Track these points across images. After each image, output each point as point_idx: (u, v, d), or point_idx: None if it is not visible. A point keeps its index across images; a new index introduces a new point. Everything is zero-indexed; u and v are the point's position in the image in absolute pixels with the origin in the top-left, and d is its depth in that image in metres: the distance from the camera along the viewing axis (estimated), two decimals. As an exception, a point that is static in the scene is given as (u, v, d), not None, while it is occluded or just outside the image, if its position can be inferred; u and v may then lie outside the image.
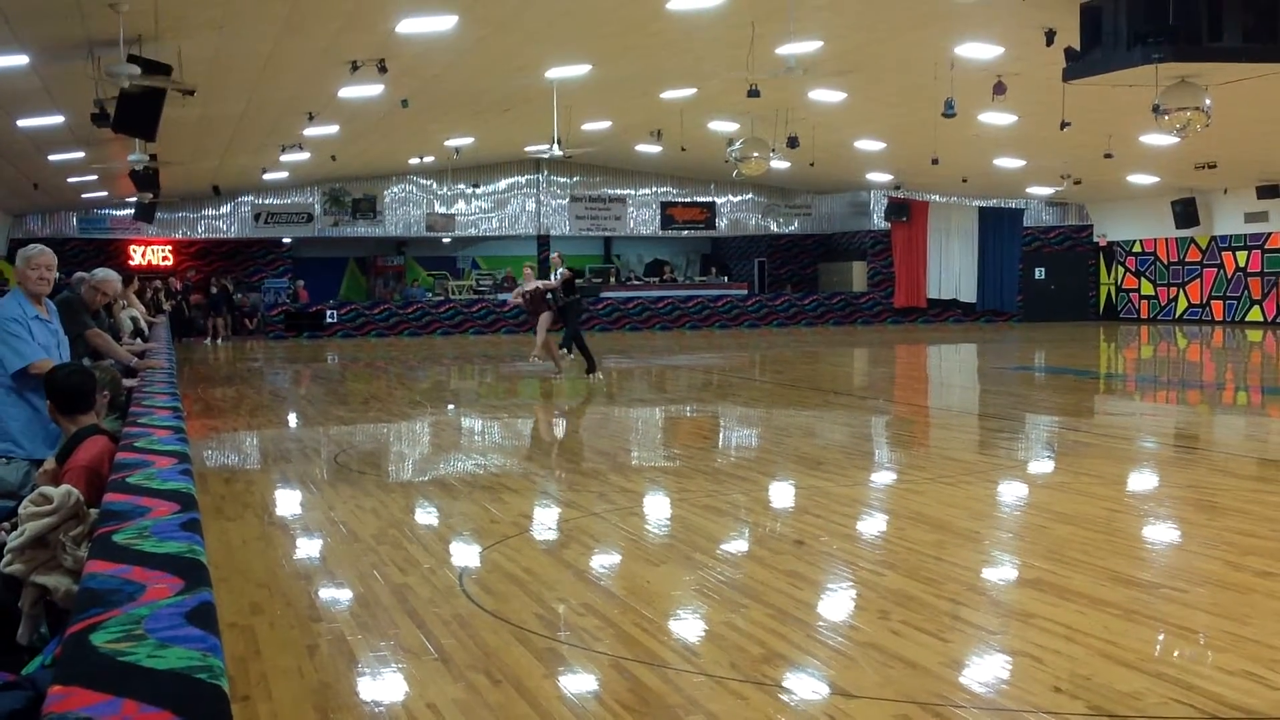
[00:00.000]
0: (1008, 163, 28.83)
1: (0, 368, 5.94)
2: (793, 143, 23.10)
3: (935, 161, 27.72)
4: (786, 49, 16.91)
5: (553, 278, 18.99)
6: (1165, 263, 34.82)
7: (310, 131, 22.56)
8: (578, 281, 20.22)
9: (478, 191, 34.28)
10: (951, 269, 36.06)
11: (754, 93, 17.56)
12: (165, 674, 2.04)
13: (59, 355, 6.12)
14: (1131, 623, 5.38)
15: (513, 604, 5.79)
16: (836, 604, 5.96)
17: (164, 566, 2.71)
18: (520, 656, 4.96)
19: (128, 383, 6.83)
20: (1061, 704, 4.35)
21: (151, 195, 25.40)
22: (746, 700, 4.45)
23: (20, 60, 14.04)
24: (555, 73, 19.04)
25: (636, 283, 35.72)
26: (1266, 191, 30.46)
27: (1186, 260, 34.15)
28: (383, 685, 4.75)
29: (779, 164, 26.50)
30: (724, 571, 6.53)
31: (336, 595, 6.17)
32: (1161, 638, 5.21)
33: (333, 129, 22.82)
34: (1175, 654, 5.00)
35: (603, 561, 6.94)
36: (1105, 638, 5.11)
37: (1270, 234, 31.54)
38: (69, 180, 26.35)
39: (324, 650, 5.13)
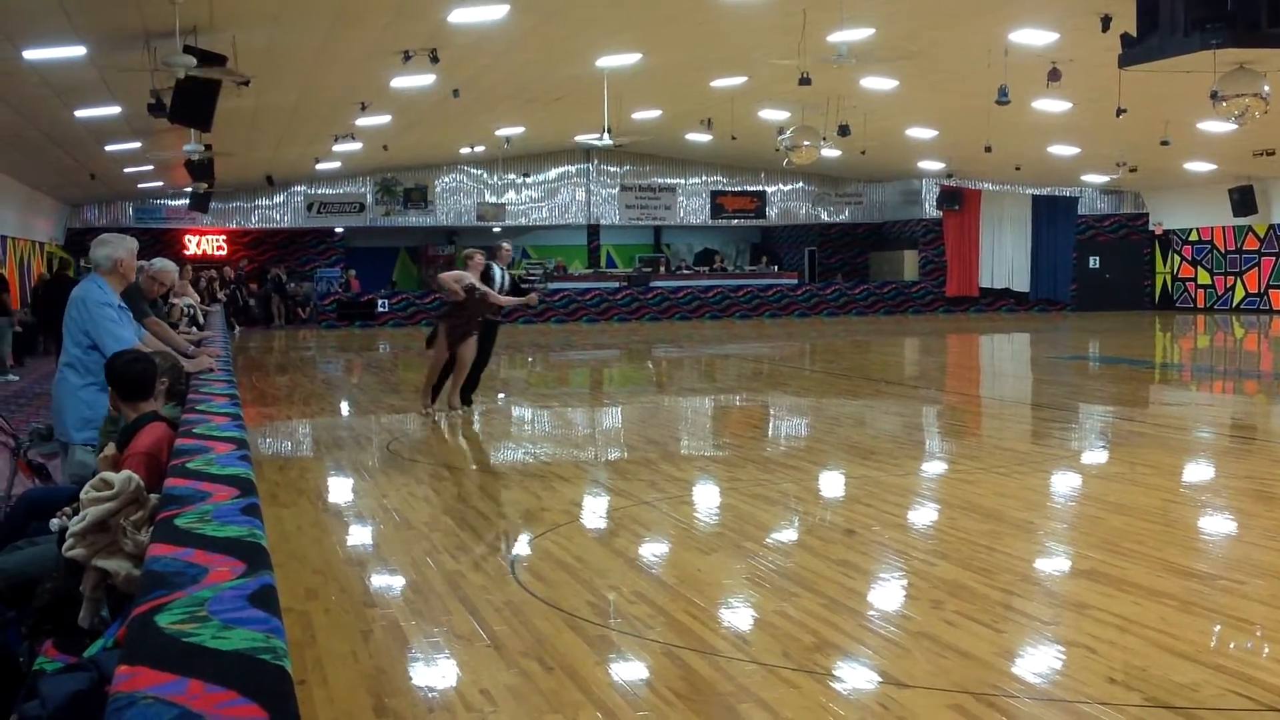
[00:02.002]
0: (1062, 150, 28.53)
1: (94, 354, 5.99)
2: (844, 131, 22.96)
3: (988, 149, 27.47)
4: (838, 36, 16.83)
5: (497, 275, 13.43)
6: (1222, 251, 34.35)
7: (362, 121, 22.70)
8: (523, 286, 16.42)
9: (528, 181, 34.38)
10: (1004, 258, 35.75)
11: (805, 80, 17.48)
12: (230, 655, 2.07)
13: (137, 342, 6.21)
14: (1188, 614, 5.33)
15: (564, 591, 5.82)
16: (888, 593, 5.94)
17: (226, 550, 2.75)
18: (572, 643, 4.99)
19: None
20: (1117, 695, 4.32)
21: (206, 185, 25.66)
22: (799, 689, 4.45)
23: (78, 51, 14.22)
24: (605, 61, 19.04)
25: (686, 272, 35.69)
26: (1327, 179, 29.95)
27: (1244, 249, 33.67)
28: (436, 671, 4.79)
29: (830, 152, 26.37)
30: (775, 560, 6.52)
31: (390, 582, 6.22)
32: (1219, 629, 5.16)
33: (385, 119, 22.95)
34: (1233, 646, 4.95)
35: (653, 549, 6.96)
36: (1161, 629, 5.07)
37: (1330, 222, 31.02)
38: (125, 170, 26.67)
39: (378, 636, 5.18)
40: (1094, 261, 36.25)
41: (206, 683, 1.95)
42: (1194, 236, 35.19)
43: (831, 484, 9.19)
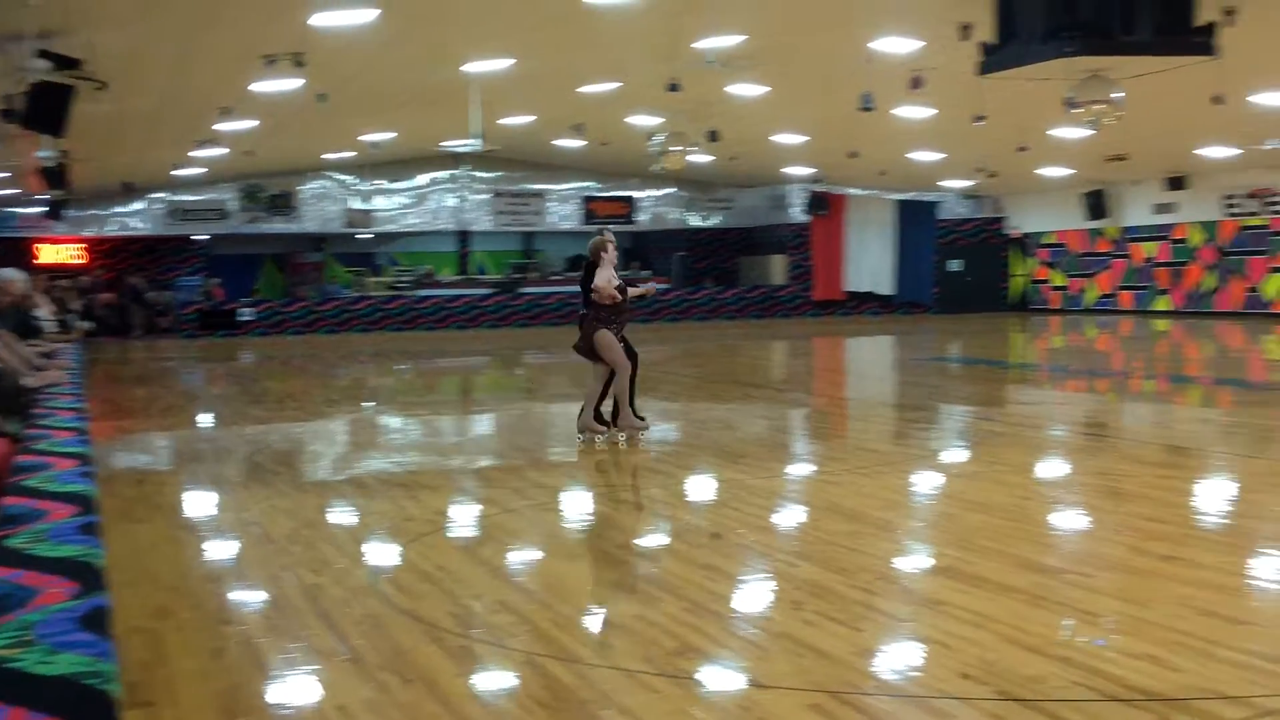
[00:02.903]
0: (925, 156, 29.14)
1: None
2: (713, 137, 23.17)
3: (854, 155, 27.98)
4: (707, 43, 17.00)
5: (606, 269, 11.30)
6: (1076, 254, 35.40)
7: (225, 127, 22.24)
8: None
9: (397, 187, 34.03)
10: (869, 261, 36.40)
11: (674, 87, 17.61)
12: (54, 680, 2.02)
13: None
14: (1038, 608, 5.47)
15: (426, 602, 5.76)
16: (751, 596, 6.00)
17: (59, 571, 2.67)
18: (432, 655, 4.94)
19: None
20: (969, 689, 4.42)
21: (62, 192, 24.89)
22: (660, 694, 4.47)
23: (-78, 55, 13.72)
24: (475, 66, 18.94)
25: (558, 278, 35.63)
26: (1174, 183, 31.10)
27: (1096, 251, 34.75)
28: (291, 687, 4.70)
29: (700, 158, 26.59)
30: (640, 565, 6.55)
31: (246, 597, 6.10)
32: (1066, 622, 5.30)
33: (249, 124, 22.51)
34: (1080, 638, 5.09)
35: (519, 558, 6.93)
36: (1012, 623, 5.20)
37: (1177, 225, 32.18)
38: (-25, 178, 25.78)
39: (232, 653, 5.08)
40: (955, 264, 37.09)
41: (30, 710, 1.89)
42: (1049, 240, 36.22)
43: (698, 488, 9.25)
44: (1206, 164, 29.02)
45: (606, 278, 11.25)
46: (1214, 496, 8.66)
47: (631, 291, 11.78)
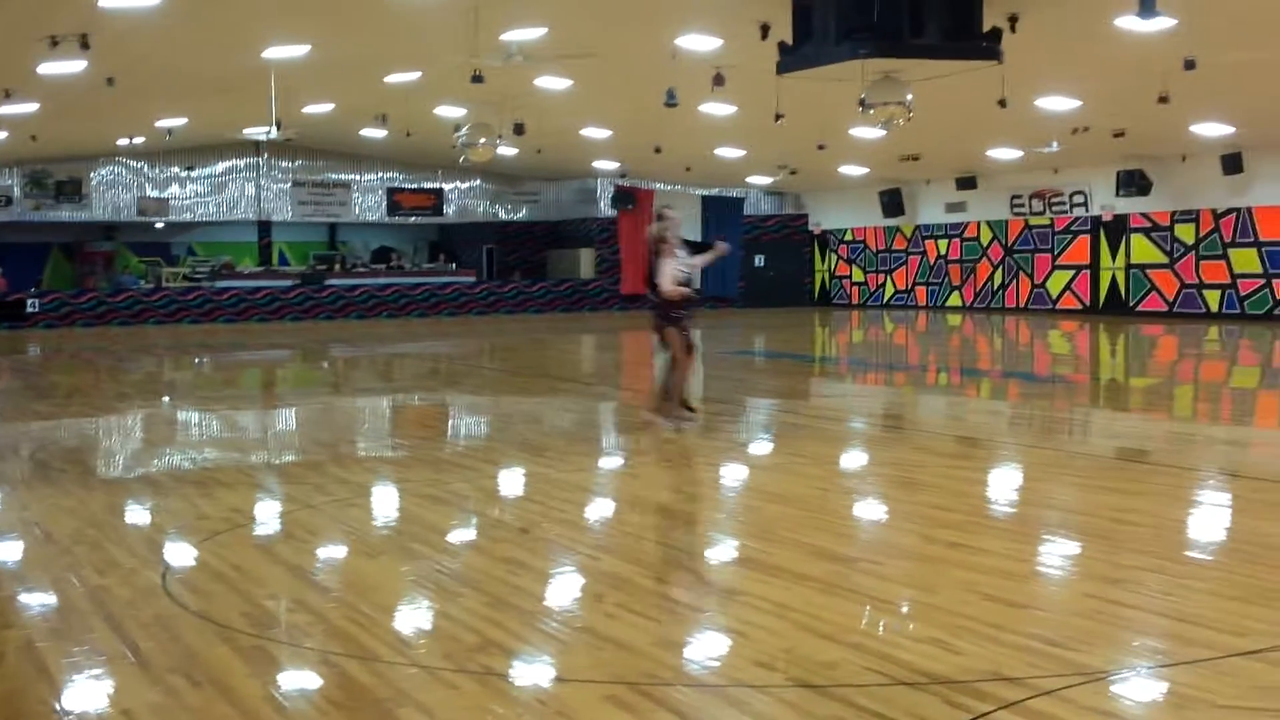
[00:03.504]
0: (728, 152, 29.60)
1: None
2: (519, 129, 23.10)
3: (658, 150, 28.24)
4: (511, 35, 16.91)
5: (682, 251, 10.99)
6: (874, 250, 36.46)
7: (6, 110, 21.19)
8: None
9: (192, 175, 32.97)
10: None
11: (478, 78, 17.47)
12: None
13: None
14: (832, 596, 5.61)
15: (219, 603, 5.59)
16: (553, 590, 6.00)
17: None
18: (224, 656, 4.80)
19: None
20: (763, 677, 4.50)
21: None
22: (459, 690, 4.43)
23: None
24: (273, 52, 18.46)
25: (363, 270, 35.05)
26: (965, 183, 32.28)
27: (893, 248, 35.85)
28: (74, 693, 4.51)
29: (506, 150, 26.49)
30: (442, 561, 6.48)
31: (27, 601, 5.83)
32: (858, 609, 5.45)
33: (32, 107, 21.51)
34: (870, 624, 5.24)
35: (317, 555, 6.79)
36: (807, 611, 5.31)
37: (968, 223, 33.42)
38: None
39: (10, 660, 4.84)
40: (759, 260, 37.80)
41: None
42: (849, 236, 37.22)
43: (504, 482, 9.21)
44: (995, 165, 30.21)
45: (670, 275, 10.54)
46: (1000, 486, 9.02)
47: (699, 262, 11.33)
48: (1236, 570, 6.16)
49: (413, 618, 5.50)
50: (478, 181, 36.16)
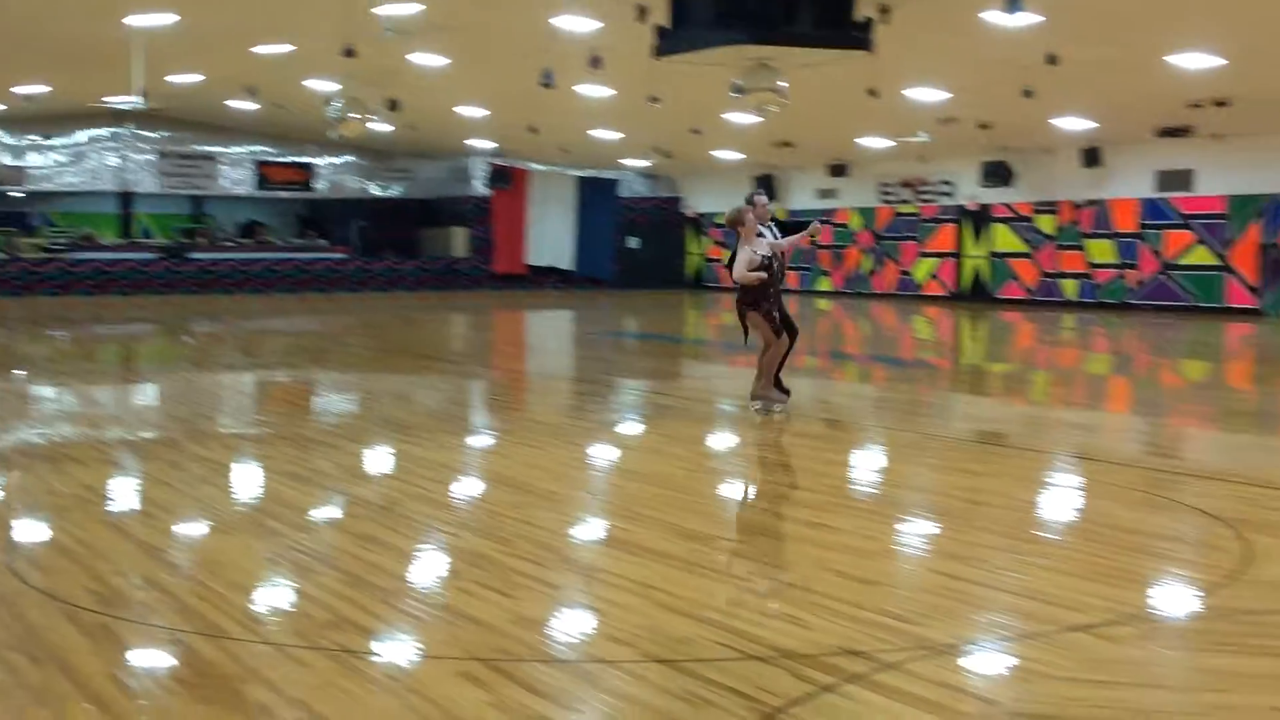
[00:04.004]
0: (604, 134, 29.59)
1: None
2: (393, 105, 22.81)
3: (534, 130, 28.12)
4: (385, 9, 16.68)
5: (770, 232, 10.90)
6: (749, 235, 36.79)
7: None
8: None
9: (51, 143, 31.91)
10: (551, 237, 36.73)
11: (350, 53, 17.21)
12: None
13: None
14: (691, 574, 5.67)
15: (64, 580, 5.45)
16: (410, 567, 5.96)
17: None
18: (68, 634, 4.68)
19: None
20: (617, 653, 4.54)
21: None
22: (309, 667, 4.38)
23: None
24: (136, 20, 17.94)
25: (229, 244, 34.30)
26: (836, 170, 32.74)
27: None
28: (-93, 673, 4.37)
29: (379, 126, 26.09)
30: (299, 539, 6.40)
31: None
32: (716, 587, 5.52)
33: (-122, 68, 20.64)
34: (726, 601, 5.31)
35: (170, 532, 6.65)
36: (664, 588, 5.36)
37: (839, 209, 33.90)
38: None
39: None
40: (634, 242, 37.89)
41: None
42: (722, 220, 37.49)
43: (367, 460, 9.12)
44: (865, 153, 30.68)
45: (746, 261, 10.28)
46: (860, 467, 9.20)
47: (787, 244, 11.05)
48: (1080, 549, 6.37)
49: (265, 595, 5.42)
50: (350, 157, 35.59)
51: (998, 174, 28.79)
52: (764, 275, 10.32)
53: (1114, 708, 4.03)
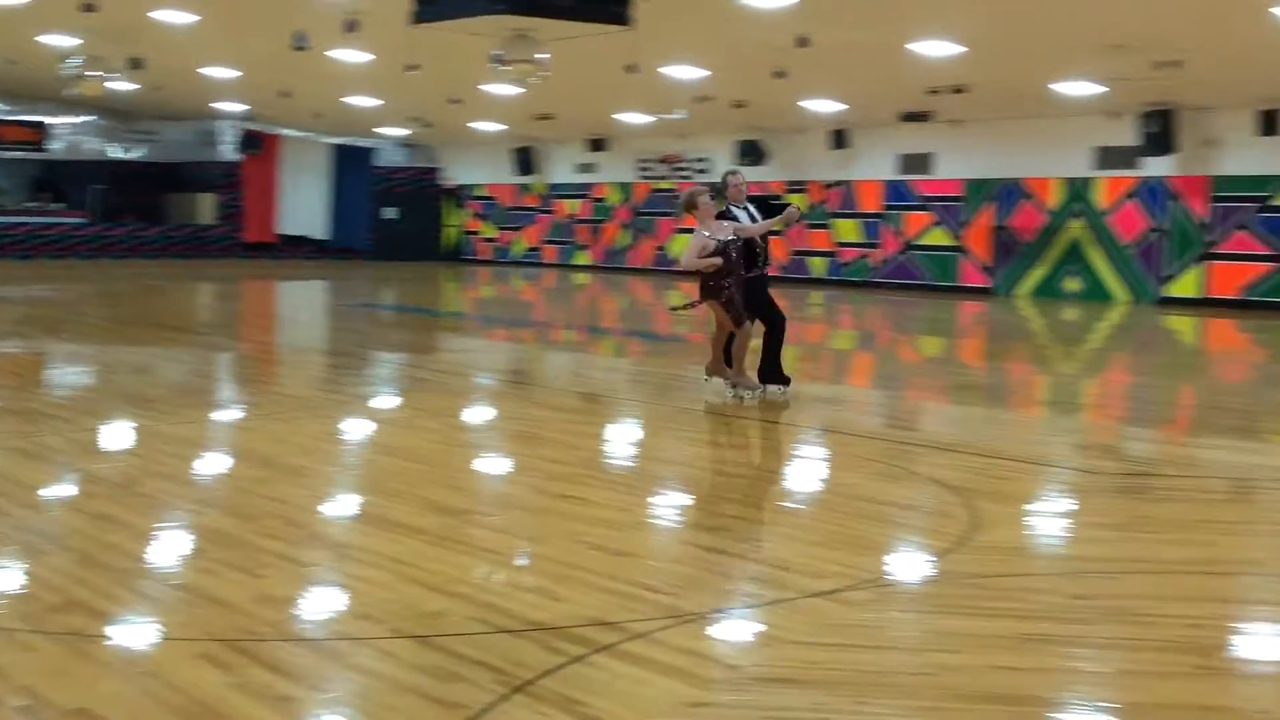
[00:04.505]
0: (361, 102, 28.96)
1: None
2: (136, 64, 21.78)
3: (287, 95, 27.33)
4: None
5: (746, 214, 10.36)
6: (505, 207, 36.69)
7: None
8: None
9: None
10: (304, 205, 35.81)
11: (89, 7, 16.35)
12: None
13: None
14: (442, 548, 5.63)
15: None
16: (149, 547, 5.73)
17: None
18: None
19: None
20: (367, 629, 4.47)
21: None
22: (36, 651, 4.17)
23: None
24: None
25: (-47, 206, 32.20)
26: (595, 145, 32.94)
27: (524, 206, 36.18)
28: None
29: (121, 86, 24.89)
30: (25, 518, 6.07)
31: None
32: (467, 561, 5.50)
33: None
34: (477, 575, 5.29)
35: (-117, 513, 6.22)
36: (416, 564, 5.31)
37: (597, 184, 34.14)
38: None
39: None
40: (391, 212, 37.29)
41: None
42: (481, 192, 37.27)
43: (103, 436, 8.72)
44: (624, 128, 30.95)
45: (696, 247, 9.70)
46: (615, 440, 9.30)
47: (756, 229, 10.10)
48: (821, 518, 6.61)
49: (-10, 578, 5.13)
50: (90, 117, 33.84)
51: (751, 152, 29.47)
52: (716, 262, 9.67)
53: (850, 669, 4.20)
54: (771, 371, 10.52)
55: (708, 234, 9.80)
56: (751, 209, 10.42)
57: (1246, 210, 23.44)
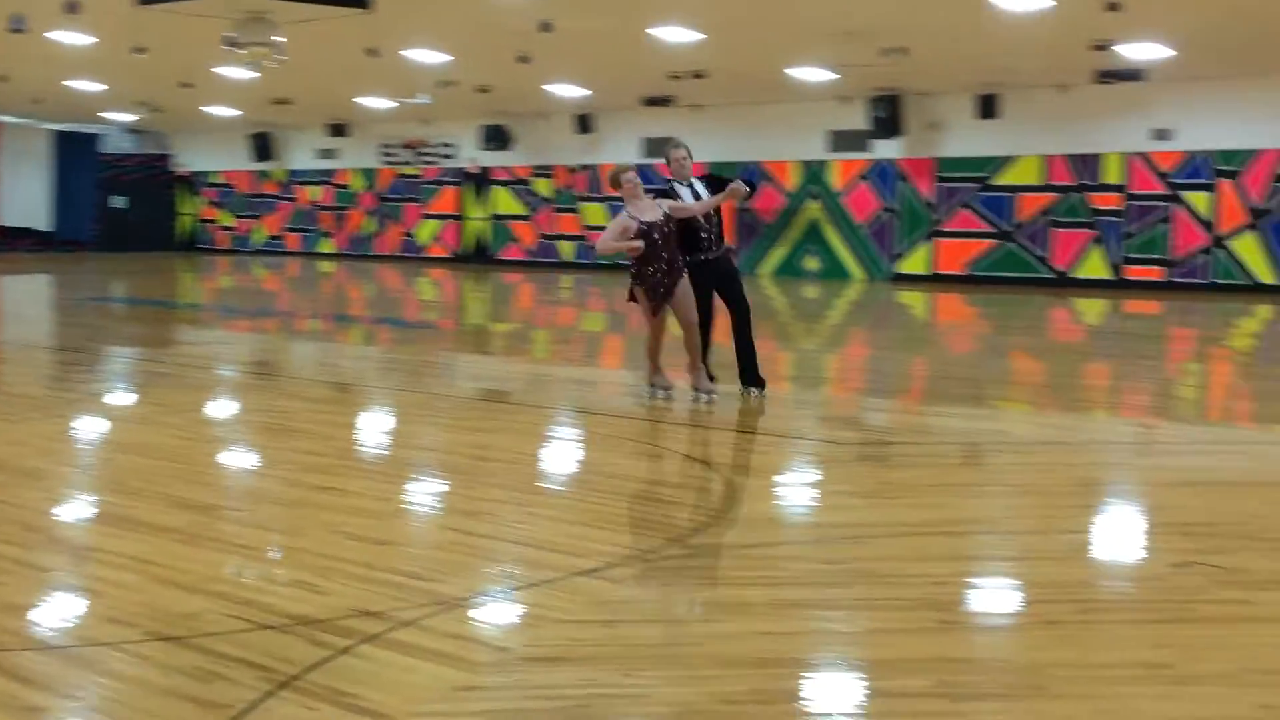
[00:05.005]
0: (84, 85, 27.55)
1: None
2: None
3: (4, 79, 25.84)
4: None
5: (689, 191, 9.44)
6: (244, 195, 35.58)
7: None
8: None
9: None
10: (25, 195, 33.94)
11: None
12: None
13: None
14: (194, 546, 5.44)
15: None
16: None
17: None
18: None
19: None
20: (117, 633, 4.29)
21: None
22: None
23: None
24: None
25: None
26: (336, 130, 32.28)
27: (264, 193, 35.17)
28: None
29: None
30: None
31: None
32: (222, 558, 5.34)
33: None
34: (234, 572, 5.15)
35: None
36: (168, 564, 5.13)
37: (339, 170, 33.47)
38: None
39: None
40: (119, 201, 35.68)
41: None
42: (217, 179, 36.04)
43: None
44: (366, 113, 30.43)
45: (615, 229, 8.95)
46: (369, 429, 9.17)
47: (697, 208, 9.16)
48: (581, 498, 6.69)
49: None
50: None
51: (497, 137, 29.42)
52: (635, 245, 8.91)
53: (616, 644, 4.27)
54: (742, 369, 9.67)
55: (631, 214, 9.00)
56: (698, 186, 9.44)
57: (969, 190, 24.77)
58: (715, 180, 9.54)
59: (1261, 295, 21.88)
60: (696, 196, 9.32)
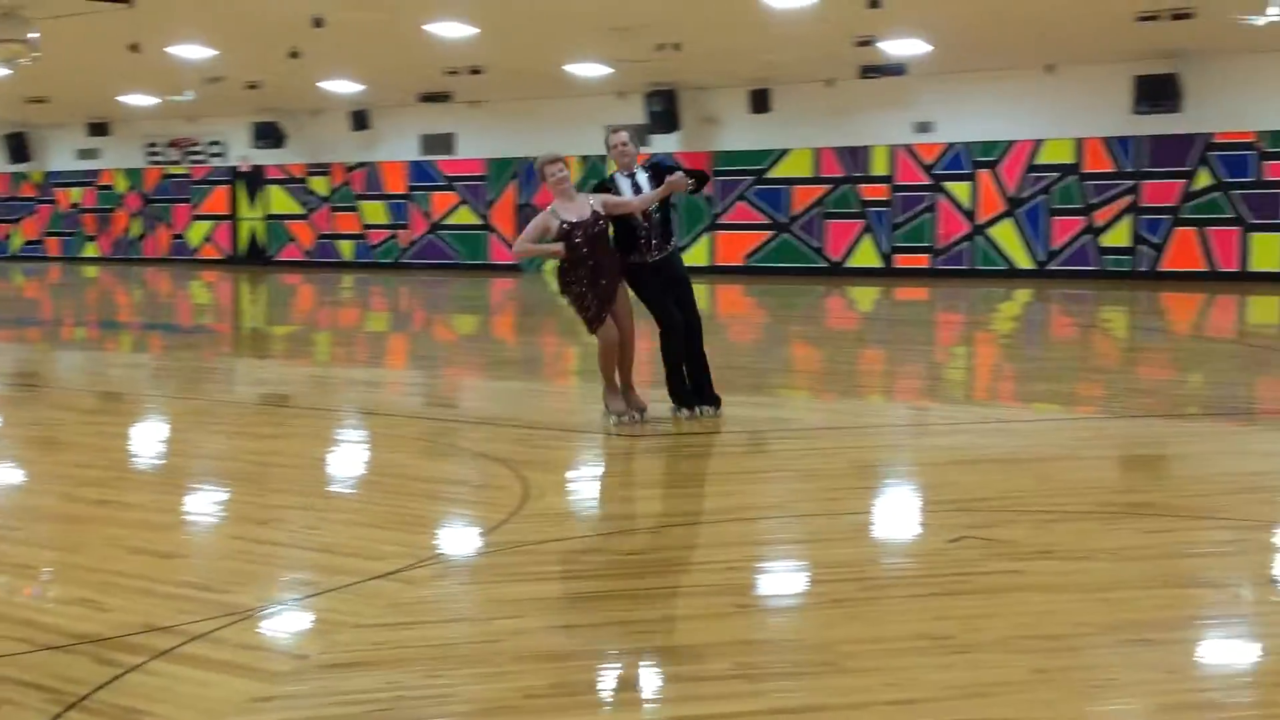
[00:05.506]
0: None
1: None
2: None
3: None
4: None
5: (630, 183, 8.46)
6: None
7: None
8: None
9: None
10: None
11: None
12: None
13: None
14: (-36, 569, 5.19)
15: None
16: None
17: None
18: None
19: None
20: (-115, 666, 4.06)
21: None
22: None
23: None
24: None
25: None
26: (97, 129, 30.97)
27: (20, 196, 33.52)
28: None
29: None
30: None
31: None
32: (35, 590, 5.10)
33: None
34: (9, 593, 4.92)
35: None
36: (-65, 589, 4.87)
37: (102, 171, 32.14)
38: None
39: None
40: None
41: None
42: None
43: None
44: (129, 111, 29.29)
45: (533, 229, 8.07)
46: (146, 438, 8.86)
47: (636, 204, 8.16)
48: (373, 500, 6.61)
49: None
50: None
51: (269, 135, 28.69)
52: (555, 249, 8.07)
53: (419, 645, 4.25)
54: (695, 386, 8.71)
55: (554, 213, 8.12)
56: (641, 178, 8.45)
57: (745, 182, 25.34)
58: (661, 170, 8.41)
59: (1019, 280, 23.04)
60: (637, 190, 8.39)
